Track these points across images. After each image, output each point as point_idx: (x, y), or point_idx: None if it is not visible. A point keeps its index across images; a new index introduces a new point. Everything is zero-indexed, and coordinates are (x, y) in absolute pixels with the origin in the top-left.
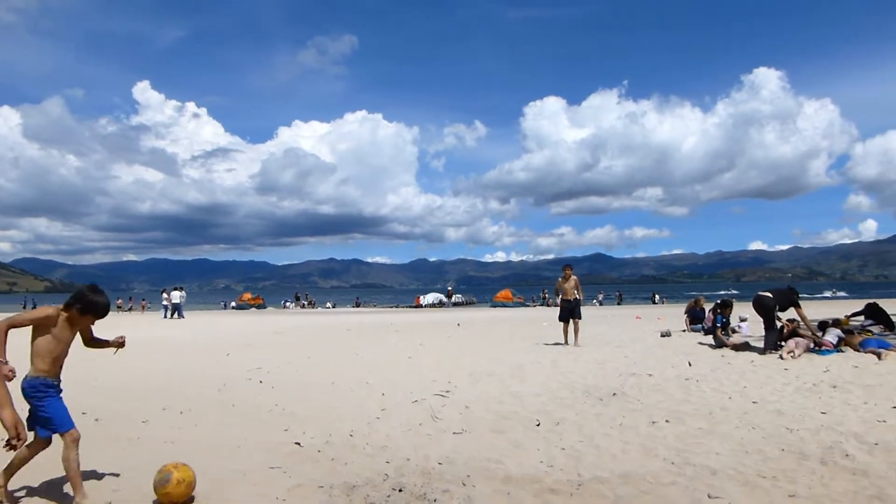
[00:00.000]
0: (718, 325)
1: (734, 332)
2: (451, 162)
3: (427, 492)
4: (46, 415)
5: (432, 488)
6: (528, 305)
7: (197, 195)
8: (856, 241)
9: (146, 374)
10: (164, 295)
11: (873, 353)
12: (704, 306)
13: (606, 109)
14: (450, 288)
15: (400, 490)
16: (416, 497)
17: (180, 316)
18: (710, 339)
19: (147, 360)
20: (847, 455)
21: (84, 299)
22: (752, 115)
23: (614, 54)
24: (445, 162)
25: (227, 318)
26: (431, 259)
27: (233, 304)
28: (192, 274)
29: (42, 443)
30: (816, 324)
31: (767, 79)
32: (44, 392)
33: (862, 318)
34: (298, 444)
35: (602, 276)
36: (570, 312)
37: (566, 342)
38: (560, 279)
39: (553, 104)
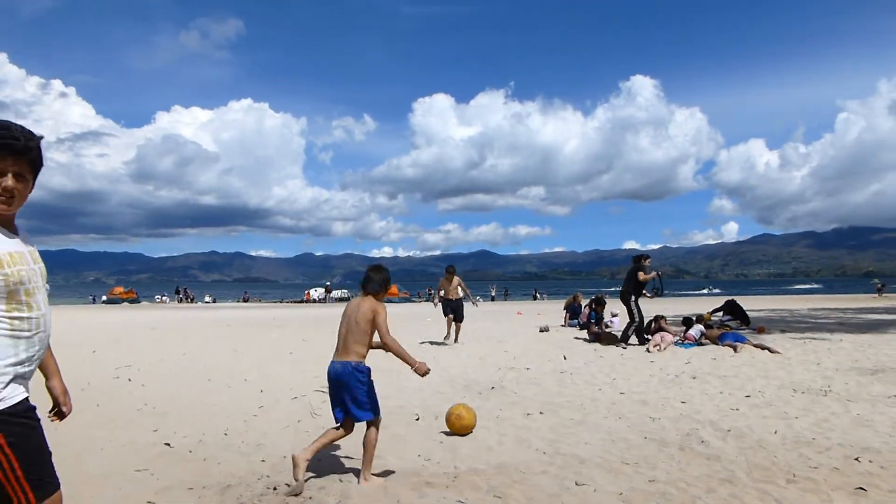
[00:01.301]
0: (592, 320)
1: (607, 326)
2: (340, 155)
3: (303, 489)
4: (366, 398)
5: (308, 485)
6: (413, 301)
7: (64, 181)
8: (719, 241)
9: None
10: None
11: (730, 346)
12: (582, 302)
13: (493, 109)
14: (328, 284)
15: (274, 489)
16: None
17: None
18: (585, 333)
19: None
20: (703, 441)
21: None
22: (629, 120)
23: (502, 55)
24: (333, 155)
25: (96, 313)
26: (318, 253)
27: (103, 298)
28: (57, 265)
29: (350, 426)
30: (682, 319)
31: (643, 86)
32: (368, 378)
33: (721, 313)
34: (168, 444)
35: (487, 272)
36: (454, 311)
37: (447, 334)
38: (443, 279)
39: (442, 101)
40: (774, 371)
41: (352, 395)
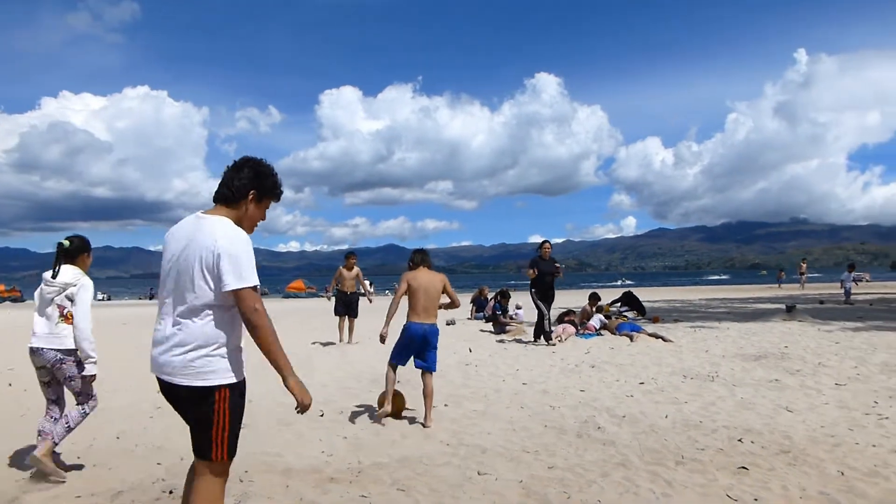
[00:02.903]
0: (498, 312)
1: (512, 318)
2: (244, 147)
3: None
4: (436, 353)
5: None
6: (320, 295)
7: None
8: (619, 235)
9: None
10: None
11: (627, 335)
12: (488, 295)
13: (401, 103)
14: None
15: (170, 492)
16: None
17: None
18: (491, 325)
19: None
20: (599, 427)
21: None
22: (534, 116)
23: (411, 49)
24: (237, 147)
25: None
26: None
27: None
28: None
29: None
30: (589, 294)
31: (547, 84)
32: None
33: (619, 304)
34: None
35: (396, 266)
36: (346, 307)
37: (340, 339)
38: (342, 267)
39: (349, 94)
40: (667, 359)
41: (431, 348)
